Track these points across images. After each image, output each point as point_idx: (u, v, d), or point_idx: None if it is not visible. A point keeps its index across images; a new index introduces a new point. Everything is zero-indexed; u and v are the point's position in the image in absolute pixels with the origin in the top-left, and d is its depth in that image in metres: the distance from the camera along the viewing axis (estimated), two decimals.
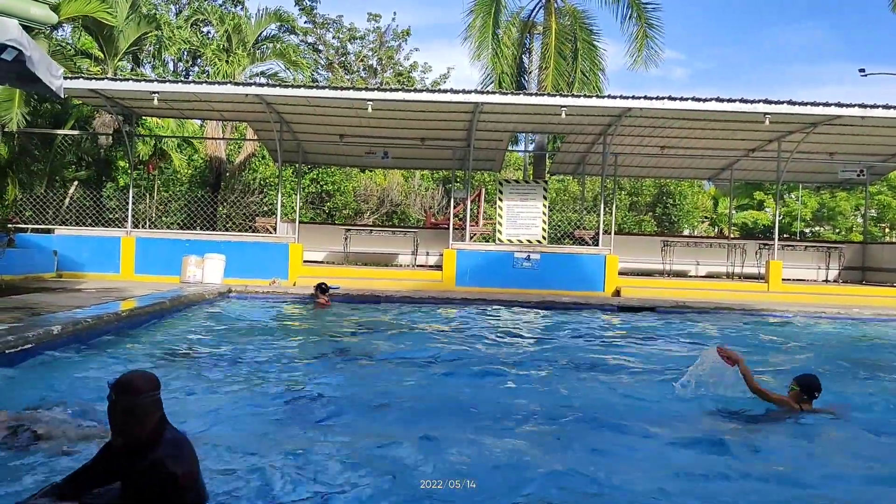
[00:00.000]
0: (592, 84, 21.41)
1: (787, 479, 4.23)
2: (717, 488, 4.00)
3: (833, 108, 14.83)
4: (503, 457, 4.33)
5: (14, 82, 9.43)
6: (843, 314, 13.45)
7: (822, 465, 4.59)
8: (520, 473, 4.04)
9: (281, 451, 4.23)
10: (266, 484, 3.71)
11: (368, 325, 10.71)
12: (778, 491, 4.03)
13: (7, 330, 6.63)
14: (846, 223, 37.11)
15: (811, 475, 4.32)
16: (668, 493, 3.82)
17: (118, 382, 3.11)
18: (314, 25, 32.94)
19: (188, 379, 6.28)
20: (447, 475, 3.86)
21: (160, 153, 23.64)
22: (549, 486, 3.85)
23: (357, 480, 3.84)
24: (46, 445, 4.02)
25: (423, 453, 4.29)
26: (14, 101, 16.82)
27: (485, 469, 4.10)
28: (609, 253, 16.07)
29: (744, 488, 4.00)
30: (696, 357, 6.31)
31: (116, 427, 3.09)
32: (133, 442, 3.07)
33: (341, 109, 16.07)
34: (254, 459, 4.04)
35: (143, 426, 3.07)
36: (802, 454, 4.82)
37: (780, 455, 4.73)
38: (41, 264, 14.69)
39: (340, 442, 4.52)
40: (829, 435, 5.28)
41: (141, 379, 3.17)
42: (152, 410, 3.11)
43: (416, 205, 29.30)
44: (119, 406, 3.05)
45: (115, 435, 3.12)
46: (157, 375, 3.25)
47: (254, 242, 16.35)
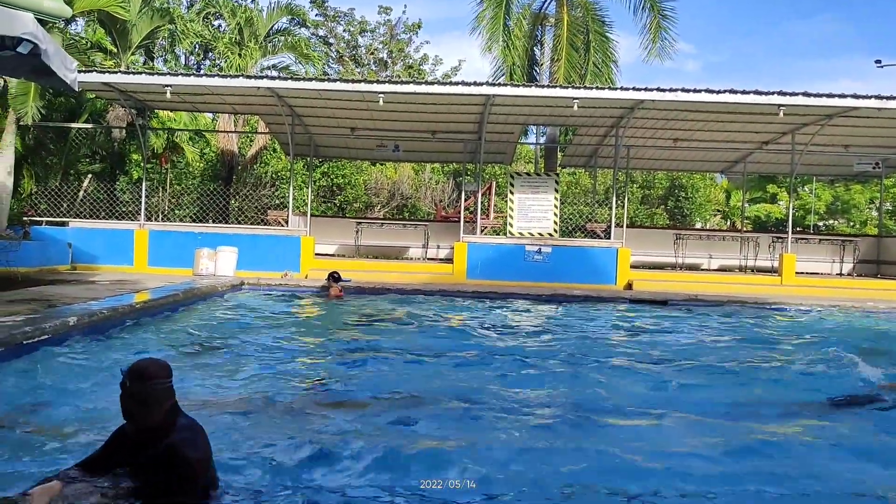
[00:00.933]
0: (605, 76, 21.28)
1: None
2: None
3: (849, 99, 14.69)
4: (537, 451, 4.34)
5: (29, 76, 9.50)
6: (857, 307, 13.37)
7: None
8: (557, 464, 4.06)
9: (293, 441, 4.27)
10: (277, 473, 3.74)
11: (379, 317, 10.75)
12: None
13: (24, 321, 6.70)
14: (861, 216, 36.74)
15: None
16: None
17: (132, 369, 3.16)
18: (325, 18, 32.98)
19: (201, 369, 6.33)
20: (468, 471, 3.87)
21: (173, 146, 23.76)
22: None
23: (369, 470, 3.86)
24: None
25: (436, 442, 4.32)
26: (29, 95, 16.93)
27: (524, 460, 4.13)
28: (621, 246, 16.02)
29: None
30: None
31: (129, 413, 3.13)
32: (145, 428, 3.11)
33: (352, 102, 16.08)
34: (267, 451, 4.07)
35: (156, 412, 3.11)
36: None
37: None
38: (56, 256, 14.82)
39: (354, 432, 4.55)
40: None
41: (154, 366, 3.22)
42: (165, 397, 3.15)
43: (426, 198, 29.29)
44: (132, 392, 3.09)
45: (128, 421, 3.16)
46: (168, 363, 3.29)
47: (266, 235, 16.42)
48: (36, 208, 17.76)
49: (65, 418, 4.58)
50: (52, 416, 4.66)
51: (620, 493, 3.71)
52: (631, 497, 3.65)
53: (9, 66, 8.37)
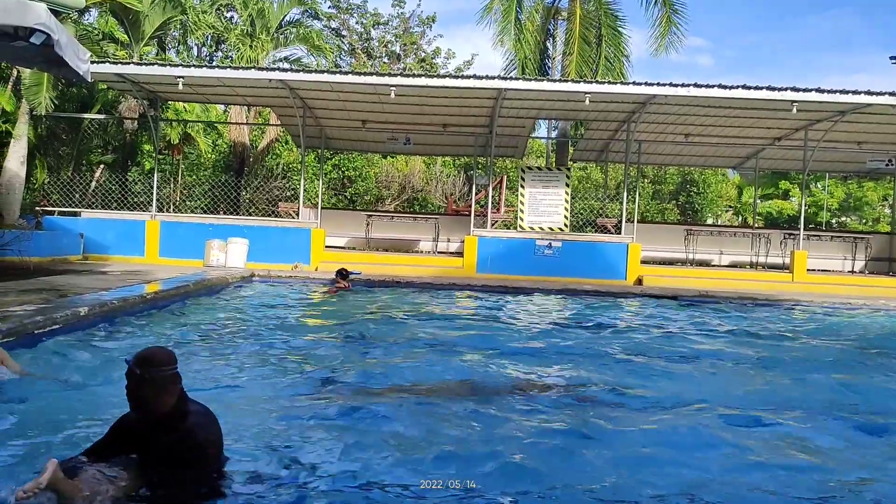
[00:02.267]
0: (617, 71, 21.18)
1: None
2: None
3: (863, 95, 14.57)
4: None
5: (42, 66, 9.56)
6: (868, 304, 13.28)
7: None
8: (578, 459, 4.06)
9: (302, 430, 4.29)
10: (287, 462, 3.76)
11: (389, 309, 10.75)
12: None
13: (36, 311, 6.76)
14: (873, 214, 36.49)
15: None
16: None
17: (140, 357, 3.21)
18: (338, 10, 32.92)
19: (210, 359, 6.36)
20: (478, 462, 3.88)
21: (186, 137, 23.86)
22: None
23: (376, 461, 3.87)
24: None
25: (449, 435, 4.33)
26: (42, 86, 17.03)
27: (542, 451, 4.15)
28: (631, 241, 15.97)
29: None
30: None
31: (141, 401, 3.17)
32: (157, 415, 3.15)
33: (364, 95, 16.08)
34: (276, 441, 4.09)
35: (168, 399, 3.17)
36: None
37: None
38: (68, 247, 14.92)
39: (362, 424, 4.56)
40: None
41: (161, 352, 3.29)
42: (173, 383, 3.20)
43: (437, 191, 29.28)
44: (143, 380, 3.13)
45: (135, 408, 3.19)
46: (172, 351, 3.35)
47: (277, 227, 16.47)
48: (48, 198, 17.90)
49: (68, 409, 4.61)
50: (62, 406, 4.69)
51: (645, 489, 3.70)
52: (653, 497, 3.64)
53: (22, 57, 8.44)
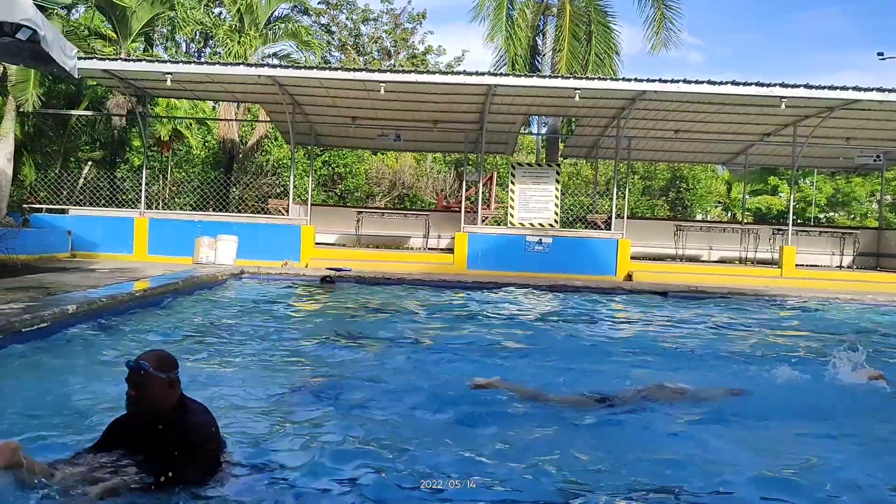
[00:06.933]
0: (607, 67, 21.21)
1: None
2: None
3: (851, 92, 14.65)
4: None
5: (28, 62, 9.46)
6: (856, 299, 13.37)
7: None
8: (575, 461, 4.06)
9: (291, 429, 4.28)
10: (279, 462, 3.75)
11: (378, 307, 10.74)
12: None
13: (23, 308, 6.71)
14: (861, 209, 36.70)
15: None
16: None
17: (143, 359, 3.23)
18: (327, 6, 32.78)
19: (202, 358, 6.33)
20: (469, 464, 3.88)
21: (175, 133, 23.71)
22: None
23: (366, 462, 3.86)
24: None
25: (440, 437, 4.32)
26: (29, 82, 16.86)
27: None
28: (621, 237, 16.01)
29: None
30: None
31: (142, 401, 3.19)
32: (157, 414, 3.20)
33: (354, 91, 16.02)
34: (266, 440, 4.08)
35: (170, 398, 3.23)
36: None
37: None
38: (55, 244, 14.81)
39: (349, 423, 4.55)
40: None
41: (163, 354, 3.35)
42: (174, 385, 3.27)
43: (427, 188, 29.25)
44: (146, 381, 3.17)
45: (138, 409, 3.21)
46: (171, 354, 3.40)
47: (266, 224, 16.40)
48: (36, 195, 17.76)
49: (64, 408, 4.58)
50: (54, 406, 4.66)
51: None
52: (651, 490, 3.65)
53: (8, 53, 8.34)
